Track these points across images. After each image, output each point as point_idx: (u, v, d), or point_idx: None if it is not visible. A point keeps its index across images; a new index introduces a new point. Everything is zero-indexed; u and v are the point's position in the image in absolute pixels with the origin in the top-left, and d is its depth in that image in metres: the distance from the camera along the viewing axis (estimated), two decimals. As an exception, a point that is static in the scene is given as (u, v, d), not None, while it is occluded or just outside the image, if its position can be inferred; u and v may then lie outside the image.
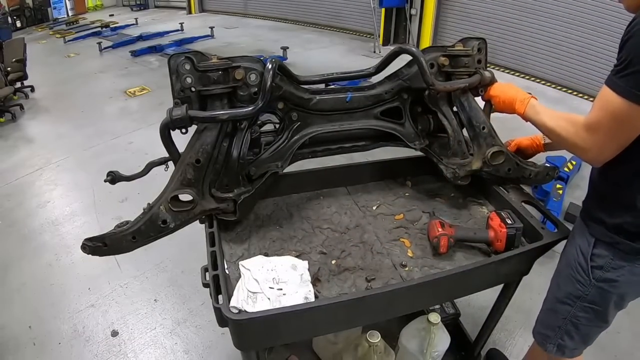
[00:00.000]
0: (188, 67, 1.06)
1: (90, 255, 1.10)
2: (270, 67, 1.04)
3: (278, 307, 0.95)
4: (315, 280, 1.08)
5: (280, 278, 1.04)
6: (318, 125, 1.28)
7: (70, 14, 11.63)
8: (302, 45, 6.76)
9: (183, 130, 1.06)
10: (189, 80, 1.07)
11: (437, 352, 1.39)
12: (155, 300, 2.14)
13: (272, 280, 1.03)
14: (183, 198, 1.13)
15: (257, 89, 1.11)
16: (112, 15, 10.77)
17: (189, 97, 1.08)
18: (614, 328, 1.88)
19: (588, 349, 1.25)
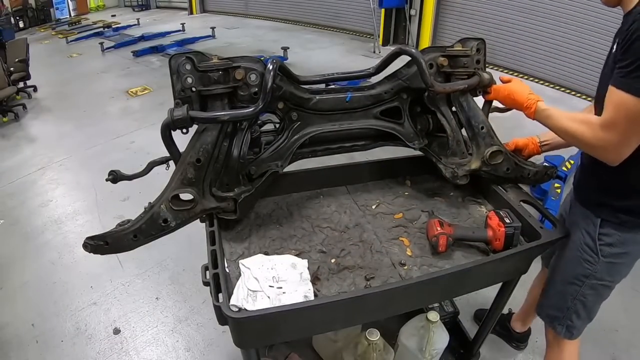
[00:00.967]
0: (189, 67, 1.06)
1: (92, 254, 1.12)
2: (272, 67, 1.05)
3: (278, 305, 0.95)
4: (315, 279, 1.09)
5: (280, 276, 1.04)
6: (318, 125, 1.29)
7: (73, 15, 11.67)
8: (302, 46, 6.77)
9: (184, 131, 1.07)
10: (190, 80, 1.07)
11: (436, 350, 1.40)
12: (157, 299, 2.16)
13: (271, 279, 1.03)
14: (184, 197, 1.14)
15: (257, 89, 1.12)
16: (114, 16, 10.81)
17: (190, 97, 1.09)
18: (612, 326, 1.91)
19: (586, 347, 1.26)
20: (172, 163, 1.19)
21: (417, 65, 1.16)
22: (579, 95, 4.58)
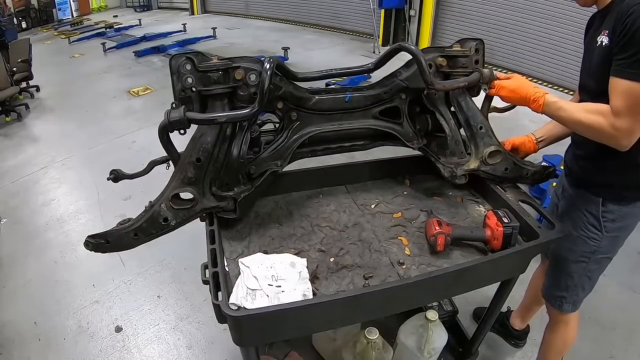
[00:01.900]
0: (189, 67, 1.07)
1: (94, 252, 1.13)
2: (268, 67, 1.04)
3: (276, 304, 0.96)
4: (314, 278, 1.10)
5: (279, 275, 1.05)
6: (317, 125, 1.30)
7: (75, 15, 11.72)
8: (302, 46, 6.78)
9: (182, 132, 1.07)
10: (190, 81, 1.08)
11: (434, 348, 1.40)
12: (159, 297, 2.17)
13: (271, 278, 1.04)
14: (184, 196, 1.15)
15: (256, 89, 1.12)
16: (115, 16, 10.84)
17: (190, 97, 1.10)
18: (611, 325, 1.91)
19: (586, 346, 1.27)
20: (172, 162, 1.20)
21: (416, 63, 1.15)
22: (579, 95, 4.59)
